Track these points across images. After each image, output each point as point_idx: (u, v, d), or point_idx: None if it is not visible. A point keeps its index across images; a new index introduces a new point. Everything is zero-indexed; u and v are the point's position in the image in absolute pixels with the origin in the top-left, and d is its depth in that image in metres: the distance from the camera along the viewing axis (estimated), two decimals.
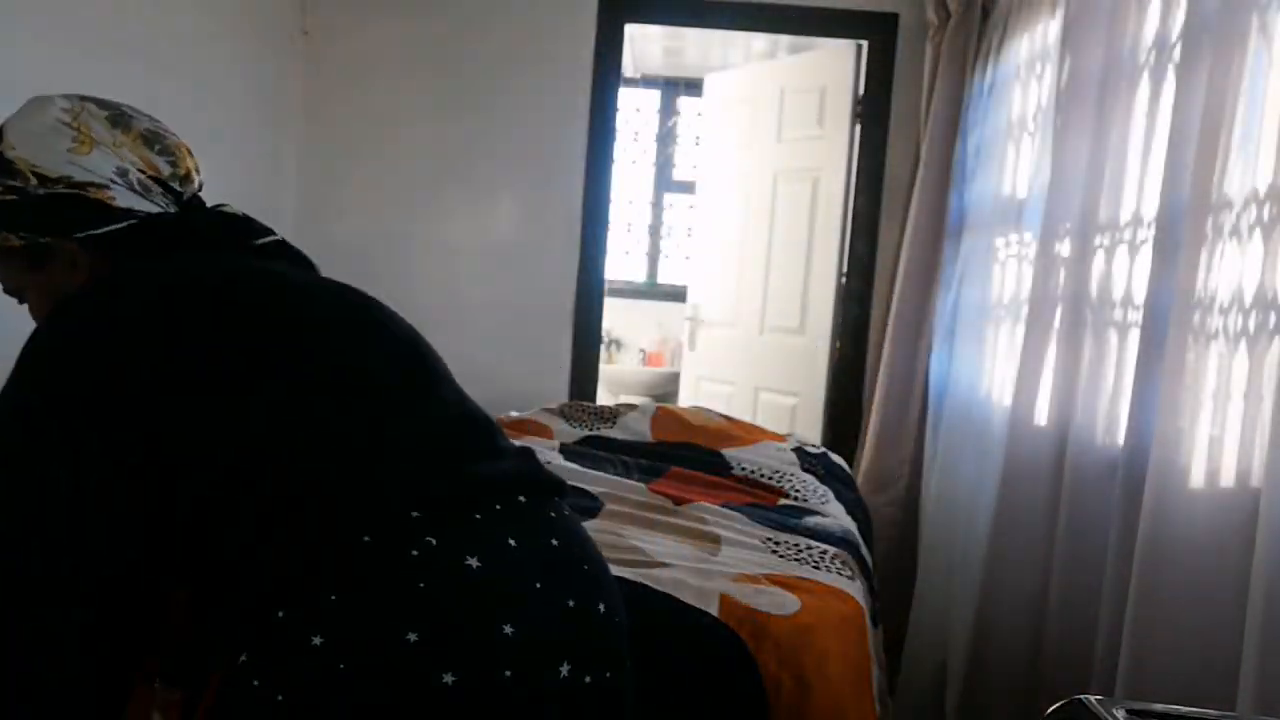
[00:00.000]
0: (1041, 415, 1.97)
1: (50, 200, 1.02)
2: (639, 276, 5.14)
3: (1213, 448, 1.40)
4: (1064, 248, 1.95)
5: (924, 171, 2.86)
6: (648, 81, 5.06)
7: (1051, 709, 0.87)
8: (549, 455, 2.27)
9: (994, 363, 2.42)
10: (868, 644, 1.42)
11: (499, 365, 3.24)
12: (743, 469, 2.28)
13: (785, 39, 4.09)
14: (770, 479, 2.22)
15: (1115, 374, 1.68)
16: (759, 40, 4.33)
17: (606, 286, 3.30)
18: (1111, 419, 1.69)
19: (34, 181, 1.02)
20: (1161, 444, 1.45)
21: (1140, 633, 1.44)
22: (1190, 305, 1.44)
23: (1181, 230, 1.49)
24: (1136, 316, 1.62)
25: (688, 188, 5.03)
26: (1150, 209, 1.61)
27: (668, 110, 5.11)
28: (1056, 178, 2.00)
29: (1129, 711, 0.83)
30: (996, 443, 2.19)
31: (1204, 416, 1.41)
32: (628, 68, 4.67)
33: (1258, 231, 1.33)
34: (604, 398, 4.38)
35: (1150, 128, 1.67)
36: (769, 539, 1.66)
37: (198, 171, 1.16)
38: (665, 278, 5.13)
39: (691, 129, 5.07)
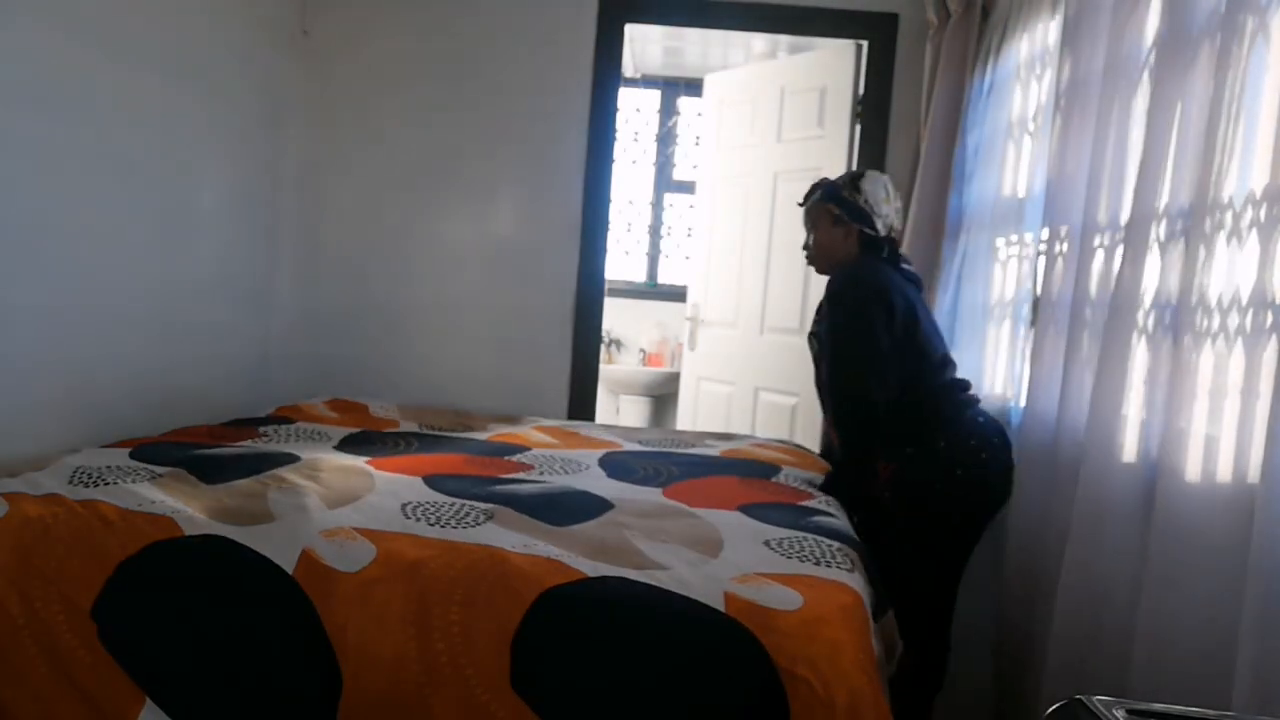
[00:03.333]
0: (1045, 414, 1.98)
1: (860, 210, 2.25)
2: (639, 276, 5.13)
3: (1213, 445, 1.40)
4: (1064, 247, 1.95)
5: (924, 171, 2.86)
6: (648, 81, 5.06)
7: (1051, 709, 0.87)
8: (589, 461, 2.26)
9: (994, 362, 2.42)
10: (869, 634, 1.42)
11: (499, 365, 3.25)
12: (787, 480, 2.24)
13: (785, 39, 4.09)
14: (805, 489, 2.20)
15: (1117, 373, 1.68)
16: (759, 40, 4.33)
17: (606, 286, 3.30)
18: (1115, 417, 1.69)
19: (862, 200, 2.25)
20: (1166, 442, 1.45)
21: (1148, 632, 1.44)
22: (1190, 304, 1.44)
23: (1180, 230, 1.49)
24: (1137, 315, 1.62)
25: (688, 188, 5.03)
26: (1149, 209, 1.61)
27: (668, 110, 5.11)
28: (1056, 178, 2.00)
29: (1129, 711, 0.83)
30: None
31: (1205, 414, 1.42)
32: (628, 68, 4.66)
33: (1254, 232, 1.33)
34: (604, 398, 4.39)
35: (1150, 128, 1.67)
36: (769, 540, 1.66)
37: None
38: (665, 278, 5.12)
39: (691, 129, 5.06)
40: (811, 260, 2.35)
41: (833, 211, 2.25)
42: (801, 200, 2.36)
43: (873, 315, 2.09)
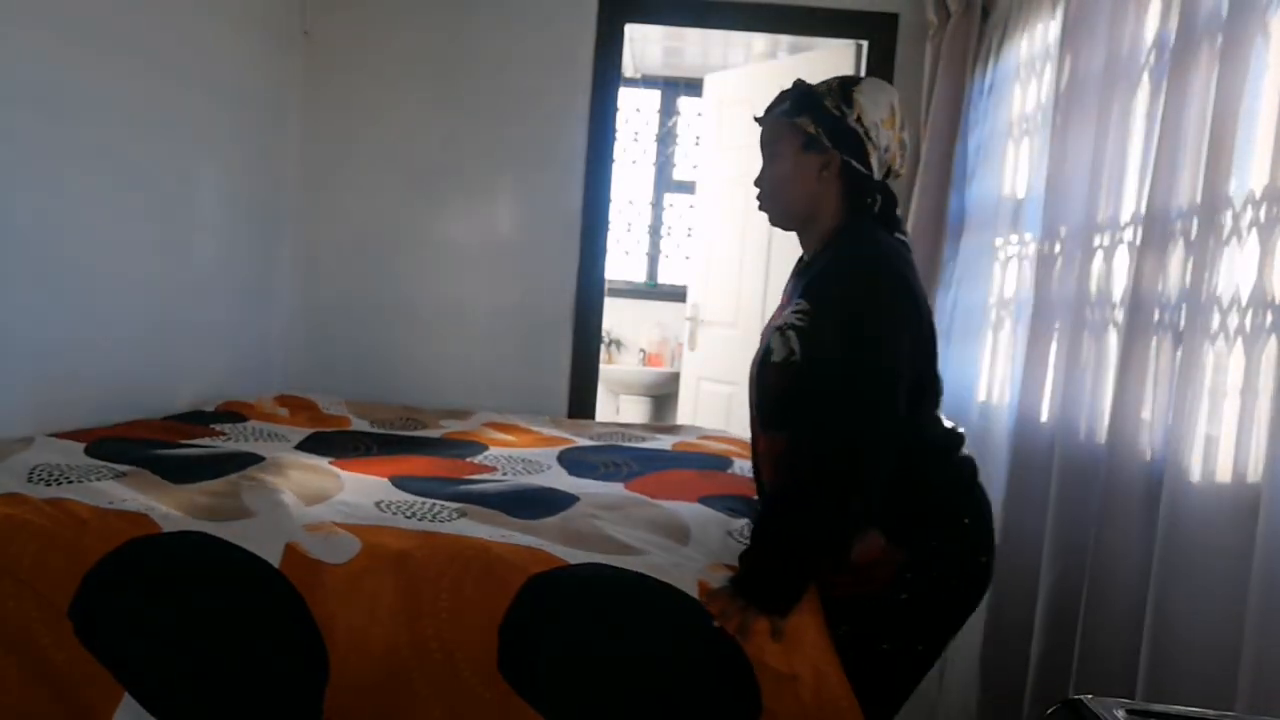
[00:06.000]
0: (1045, 414, 1.97)
1: (849, 131, 1.50)
2: (639, 276, 5.13)
3: (1214, 445, 1.40)
4: (1063, 248, 1.95)
5: (924, 171, 2.86)
6: (648, 81, 5.06)
7: (1051, 709, 0.87)
8: (548, 460, 2.29)
9: (993, 362, 2.42)
10: (823, 616, 1.51)
11: (499, 365, 3.25)
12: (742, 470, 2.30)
13: (785, 39, 4.09)
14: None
15: (1118, 373, 1.68)
16: (759, 40, 4.33)
17: (606, 286, 3.30)
18: (1117, 417, 1.69)
19: (854, 117, 1.50)
20: (1169, 442, 1.45)
21: (1152, 632, 1.44)
22: (1190, 304, 1.44)
23: (1180, 230, 1.49)
24: (1137, 315, 1.62)
25: (688, 188, 5.03)
26: (1149, 209, 1.61)
27: (668, 110, 5.11)
28: (1056, 178, 2.00)
29: (1128, 711, 0.83)
30: (998, 442, 2.19)
31: (1207, 414, 1.42)
32: (628, 68, 4.66)
33: (1254, 232, 1.33)
34: (604, 398, 4.39)
35: (1150, 128, 1.67)
36: (731, 530, 1.74)
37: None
38: (665, 278, 5.13)
39: (691, 129, 5.06)
40: (761, 201, 1.60)
41: (807, 130, 1.50)
42: (760, 114, 1.60)
43: (898, 319, 1.43)
